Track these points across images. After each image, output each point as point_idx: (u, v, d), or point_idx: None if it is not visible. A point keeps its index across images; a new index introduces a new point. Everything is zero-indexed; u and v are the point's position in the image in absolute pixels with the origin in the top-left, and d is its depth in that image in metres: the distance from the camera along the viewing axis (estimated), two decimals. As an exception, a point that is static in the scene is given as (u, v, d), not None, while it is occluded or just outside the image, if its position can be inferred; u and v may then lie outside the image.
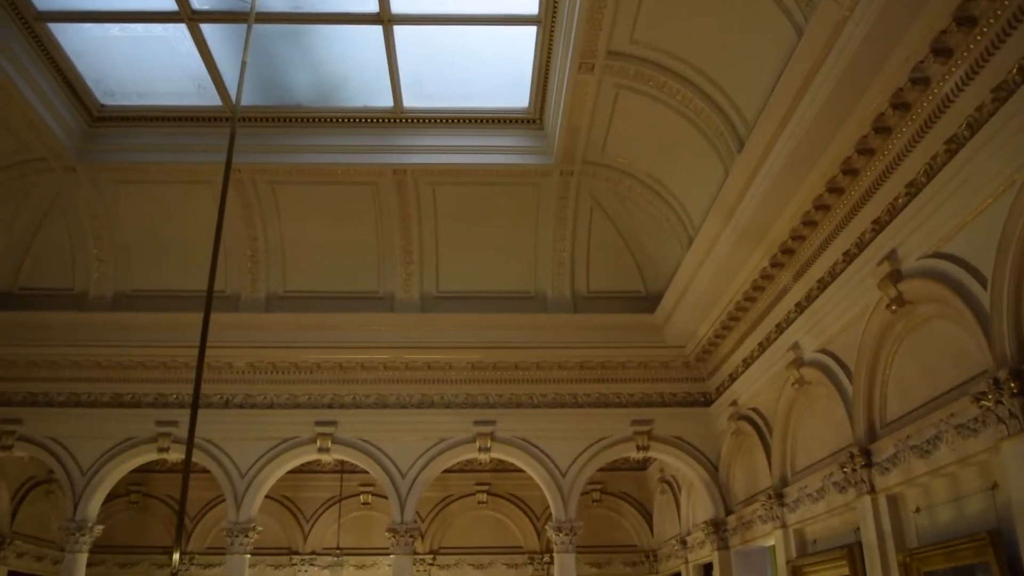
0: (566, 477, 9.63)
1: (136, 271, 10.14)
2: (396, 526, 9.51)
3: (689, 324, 9.16)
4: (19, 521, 11.50)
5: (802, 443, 7.57)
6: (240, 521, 9.57)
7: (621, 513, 13.24)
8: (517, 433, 9.78)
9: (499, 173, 9.25)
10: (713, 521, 9.47)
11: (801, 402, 7.48)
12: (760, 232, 6.98)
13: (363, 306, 9.93)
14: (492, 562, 12.99)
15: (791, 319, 7.39)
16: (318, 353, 9.79)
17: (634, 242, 9.83)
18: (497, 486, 13.18)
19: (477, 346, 9.73)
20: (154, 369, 9.91)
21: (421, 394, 9.92)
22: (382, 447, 9.78)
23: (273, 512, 12.79)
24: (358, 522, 13.01)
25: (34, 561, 11.92)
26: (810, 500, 7.12)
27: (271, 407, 9.90)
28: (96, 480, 9.72)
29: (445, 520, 13.15)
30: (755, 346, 8.27)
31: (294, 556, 12.89)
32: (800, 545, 7.52)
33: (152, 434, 9.80)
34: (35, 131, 8.58)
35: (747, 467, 9.01)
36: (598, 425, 9.79)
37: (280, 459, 9.78)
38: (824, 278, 6.67)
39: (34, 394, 9.99)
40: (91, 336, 9.84)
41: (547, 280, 10.03)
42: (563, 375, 9.87)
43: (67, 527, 9.59)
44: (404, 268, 9.97)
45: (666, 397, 9.89)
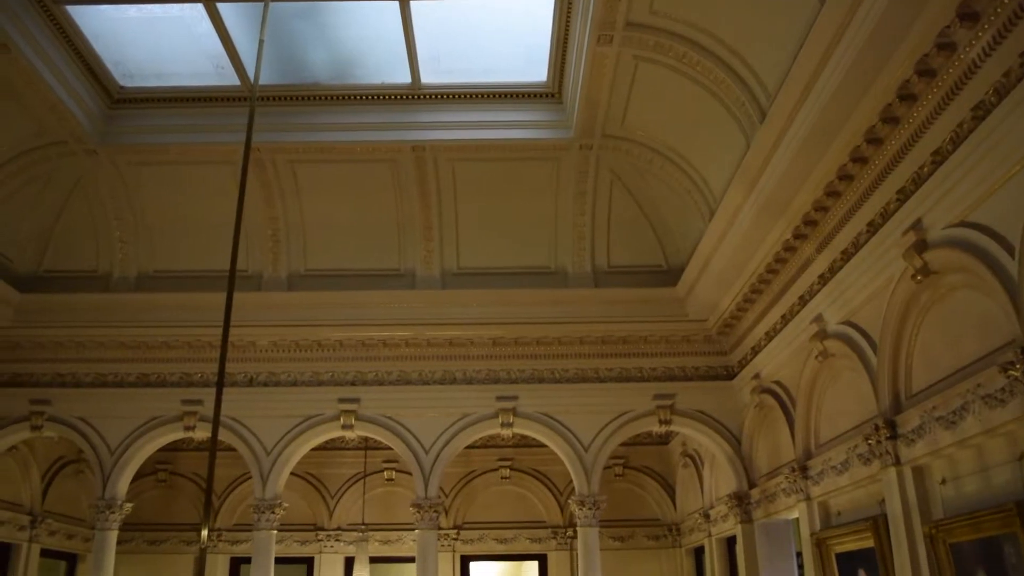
0: (589, 451, 9.65)
1: (159, 252, 10.21)
2: (420, 501, 9.59)
3: (711, 297, 9.11)
4: (50, 500, 11.69)
5: (826, 416, 7.54)
6: (266, 498, 9.68)
7: (644, 487, 13.27)
8: (539, 408, 9.81)
9: (518, 148, 9.21)
10: (736, 494, 9.47)
11: (825, 375, 7.44)
12: (782, 203, 6.90)
13: (384, 283, 9.96)
14: (516, 536, 13.08)
15: (814, 291, 7.33)
16: (340, 331, 9.83)
17: (655, 215, 9.78)
18: (520, 461, 13.24)
19: (498, 322, 9.74)
20: (178, 349, 10.00)
21: (443, 370, 9.96)
22: (405, 423, 9.84)
23: (299, 489, 12.93)
24: (382, 498, 13.13)
25: (66, 539, 12.14)
26: (834, 472, 7.10)
27: (295, 385, 9.98)
28: (124, 459, 9.86)
29: (469, 495, 13.24)
30: (778, 319, 8.22)
31: (320, 532, 13.04)
32: (824, 517, 7.51)
33: (178, 413, 9.91)
34: (56, 114, 8.62)
35: (770, 440, 8.99)
36: (620, 399, 9.80)
37: (304, 436, 9.87)
38: (848, 249, 6.60)
39: (61, 375, 10.12)
40: (115, 317, 9.94)
41: (567, 255, 10.01)
42: (585, 350, 9.87)
43: (97, 505, 9.74)
44: (424, 245, 9.98)
45: (688, 371, 9.87)
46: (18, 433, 10.00)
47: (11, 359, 10.06)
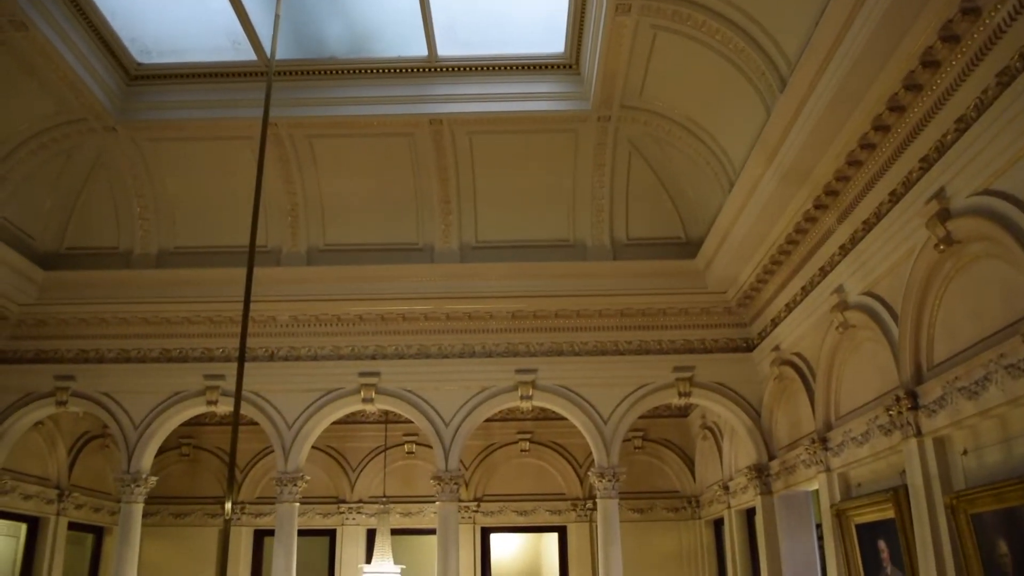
0: (608, 424, 9.68)
1: (179, 228, 10.28)
2: (441, 474, 9.66)
3: (730, 269, 9.06)
4: (76, 474, 11.88)
5: (846, 387, 7.51)
6: (289, 471, 9.79)
7: (663, 459, 13.29)
8: (558, 381, 9.83)
9: (536, 120, 9.17)
10: (756, 466, 9.47)
11: (845, 346, 7.40)
12: (803, 173, 6.84)
13: (403, 257, 9.99)
14: (535, 508, 13.15)
15: (835, 262, 7.27)
16: (360, 305, 9.87)
17: (674, 187, 9.73)
18: (539, 434, 13.29)
19: (517, 295, 9.74)
20: (200, 324, 10.08)
21: (462, 344, 9.99)
22: (425, 397, 9.90)
23: (320, 462, 13.06)
24: (403, 471, 13.23)
25: (92, 512, 12.34)
26: (854, 444, 7.08)
27: (315, 359, 10.05)
28: (148, 433, 9.98)
29: (488, 468, 13.32)
30: (798, 290, 8.17)
31: (342, 504, 13.17)
32: (844, 489, 7.50)
33: (200, 387, 10.01)
34: (75, 92, 8.66)
35: (790, 412, 8.97)
36: (639, 372, 9.80)
37: (325, 410, 9.95)
38: (869, 219, 6.54)
39: (85, 351, 10.23)
40: (137, 293, 10.03)
41: (586, 228, 9.98)
42: (603, 323, 9.86)
43: (122, 479, 9.89)
44: (443, 219, 9.98)
45: (708, 343, 9.85)
46: (44, 408, 10.15)
47: (36, 336, 10.19)
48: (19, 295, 9.80)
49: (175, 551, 13.11)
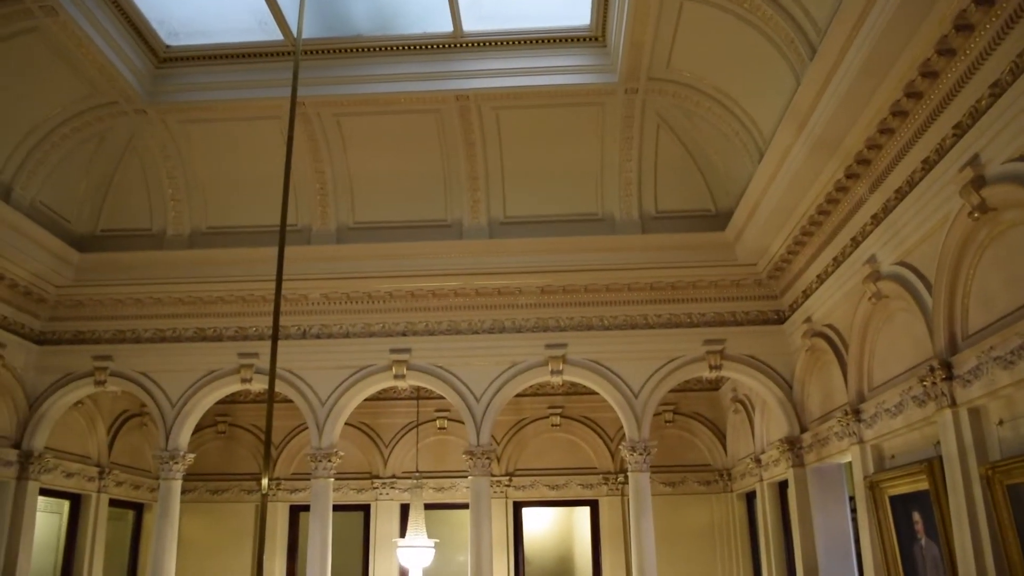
0: (639, 398, 9.68)
1: (210, 208, 10.38)
2: (473, 448, 9.74)
3: (761, 241, 8.99)
4: (116, 452, 12.12)
5: (879, 358, 7.44)
6: (323, 447, 9.91)
7: (694, 433, 13.28)
8: (589, 355, 9.84)
9: (562, 94, 9.13)
10: (788, 439, 9.43)
11: (878, 317, 7.33)
12: (834, 142, 6.75)
13: (432, 234, 10.02)
14: (567, 483, 13.21)
15: (867, 232, 7.19)
16: (390, 282, 9.93)
17: (702, 159, 9.65)
18: (570, 409, 13.32)
19: (546, 270, 9.74)
20: (233, 303, 10.20)
21: (492, 319, 10.02)
22: (456, 372, 9.96)
23: (354, 439, 13.21)
24: (435, 447, 13.35)
25: (132, 489, 12.60)
26: (888, 415, 7.02)
27: (347, 336, 10.14)
28: (185, 411, 10.15)
29: (520, 443, 13.39)
30: (830, 261, 8.09)
31: (375, 480, 13.33)
32: (877, 460, 7.45)
33: (235, 366, 10.15)
34: (105, 75, 8.76)
35: (822, 384, 8.91)
36: (670, 346, 9.78)
37: (358, 386, 10.05)
38: (902, 188, 6.45)
39: (122, 331, 10.41)
40: (171, 274, 10.17)
41: (614, 201, 9.94)
42: (633, 296, 9.84)
43: (161, 456, 10.08)
44: (471, 195, 9.99)
45: (738, 316, 9.80)
46: (83, 388, 10.35)
47: (74, 317, 10.37)
48: (56, 277, 9.98)
49: (213, 527, 13.37)
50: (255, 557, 12.99)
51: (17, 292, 9.68)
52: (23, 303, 9.89)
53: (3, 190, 8.96)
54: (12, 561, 9.64)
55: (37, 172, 9.32)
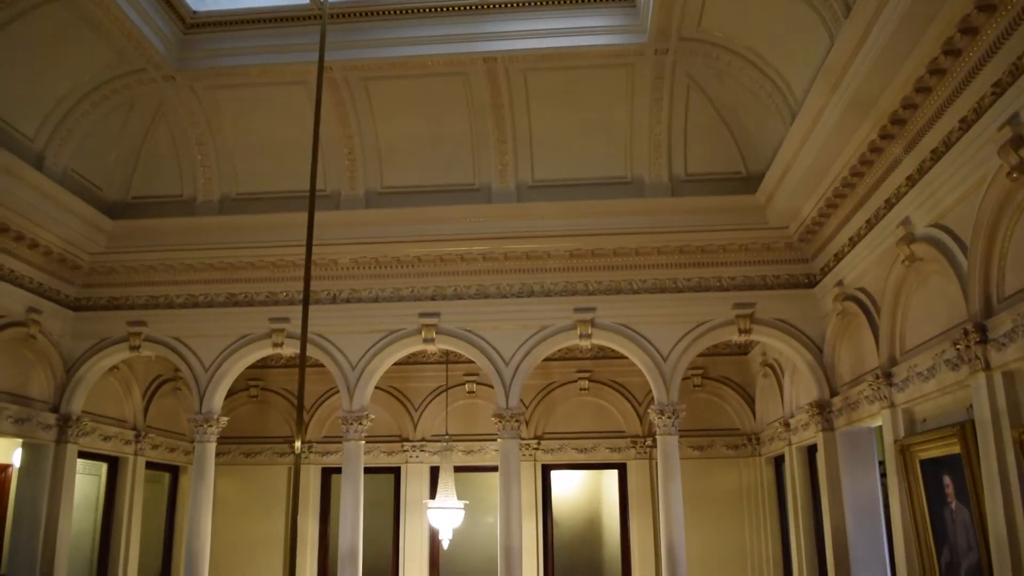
0: (667, 361, 9.67)
1: (240, 175, 10.44)
2: (502, 411, 9.80)
3: (792, 203, 8.88)
4: (151, 416, 12.34)
5: (912, 321, 7.36)
6: (354, 410, 10.02)
7: (723, 397, 13.26)
8: (617, 319, 9.82)
9: (591, 55, 9.02)
10: (818, 403, 9.39)
11: (911, 279, 7.23)
12: (869, 102, 6.62)
13: (460, 198, 10.00)
14: (595, 446, 13.28)
15: (901, 193, 7.07)
16: (418, 247, 9.95)
17: (733, 121, 9.52)
18: (598, 373, 13.35)
19: (575, 234, 9.71)
20: (263, 269, 10.29)
21: (521, 283, 10.02)
22: (485, 336, 9.99)
23: (384, 403, 13.34)
24: (464, 410, 13.44)
25: (168, 452, 12.85)
26: (920, 379, 6.96)
27: (376, 301, 10.20)
28: (218, 375, 10.30)
29: (548, 407, 13.46)
30: (863, 223, 7.98)
31: (405, 443, 13.47)
32: (909, 424, 7.40)
33: (266, 330, 10.26)
34: (134, 42, 8.79)
35: (853, 348, 8.85)
36: (699, 309, 9.73)
37: (388, 350, 10.13)
38: (938, 148, 6.32)
39: (155, 297, 10.54)
40: (202, 240, 10.26)
41: (644, 164, 9.86)
42: (662, 260, 9.79)
43: (195, 419, 10.26)
44: (499, 158, 9.95)
45: (768, 279, 9.72)
46: (118, 353, 10.53)
47: (107, 283, 10.52)
48: (89, 244, 10.11)
49: (247, 488, 13.61)
50: (288, 518, 13.25)
51: (52, 259, 9.82)
52: (58, 270, 10.03)
53: (35, 158, 9.06)
54: (53, 521, 9.91)
55: (68, 140, 9.41)
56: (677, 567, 9.17)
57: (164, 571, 13.00)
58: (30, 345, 9.77)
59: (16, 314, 9.40)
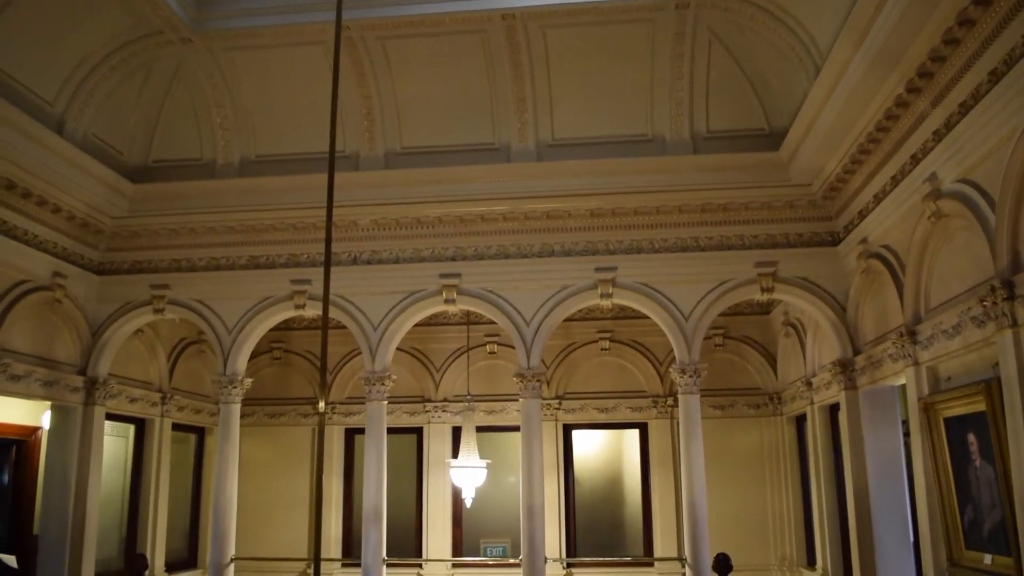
0: (689, 321, 9.64)
1: (259, 137, 10.43)
2: (523, 371, 9.82)
3: (816, 160, 8.76)
4: (176, 378, 12.49)
5: (937, 279, 7.27)
6: (376, 370, 10.09)
7: (744, 357, 13.23)
8: (639, 279, 9.78)
9: (611, 11, 8.88)
10: (840, 361, 9.34)
11: (937, 236, 7.13)
12: (895, 55, 6.49)
13: (479, 158, 9.94)
14: (616, 406, 13.31)
15: (928, 148, 6.95)
16: (438, 207, 9.92)
17: (756, 76, 9.37)
18: (619, 333, 13.34)
19: (595, 192, 9.64)
20: (284, 231, 10.31)
21: (541, 243, 9.99)
22: (505, 296, 9.99)
23: (406, 364, 13.41)
24: (485, 371, 13.50)
25: (193, 414, 13.02)
26: (945, 337, 6.90)
27: (397, 262, 10.20)
28: (241, 337, 10.38)
29: (569, 367, 13.49)
30: (888, 180, 7.86)
31: (427, 403, 13.57)
32: (933, 382, 7.34)
33: (288, 292, 10.31)
34: (150, 4, 8.75)
35: (877, 306, 8.77)
36: (721, 268, 9.67)
37: (409, 311, 10.15)
38: (966, 102, 6.19)
39: (177, 260, 10.61)
40: (222, 203, 10.29)
41: (665, 121, 9.74)
42: (684, 219, 9.71)
43: (220, 381, 10.37)
44: (518, 117, 9.86)
45: (791, 238, 9.62)
46: (142, 316, 10.63)
47: (130, 247, 10.60)
48: (111, 208, 10.16)
49: (271, 449, 13.79)
50: (313, 478, 13.44)
51: (75, 224, 9.89)
52: (81, 234, 10.11)
53: (56, 123, 9.08)
54: (83, 482, 10.10)
55: (88, 105, 9.42)
56: (698, 525, 9.22)
57: (192, 530, 13.25)
58: (56, 309, 9.88)
59: (41, 278, 9.49)
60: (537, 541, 9.47)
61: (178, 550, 12.82)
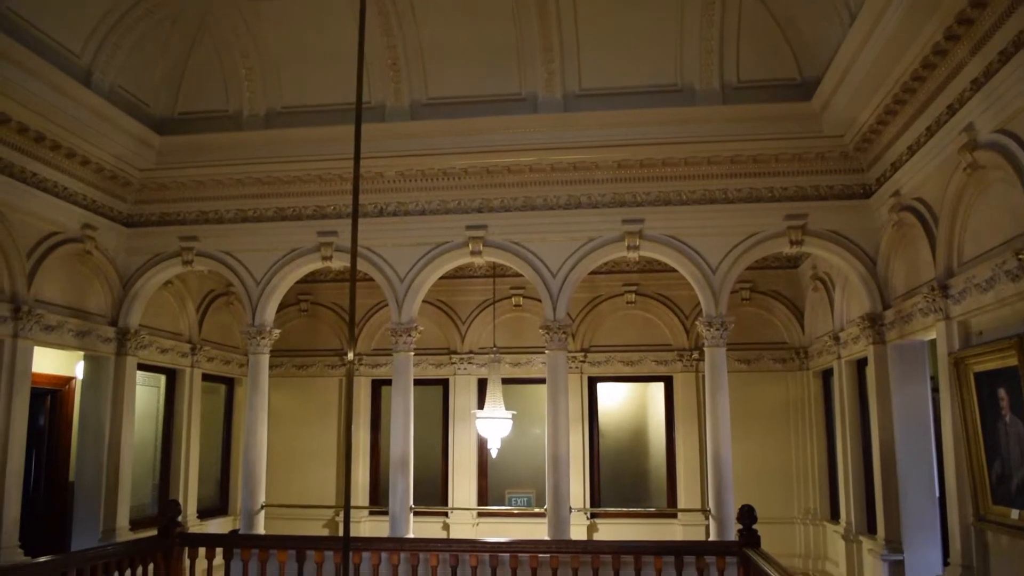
0: (716, 273, 9.57)
1: (285, 88, 10.38)
2: (549, 323, 9.83)
3: (849, 110, 8.58)
4: (206, 330, 12.65)
5: (971, 232, 7.15)
6: (403, 322, 10.14)
7: (771, 311, 13.16)
8: (666, 231, 9.71)
9: (640, -42, 8.71)
10: (869, 316, 9.25)
11: (972, 188, 6.99)
12: (934, 1, 6.31)
13: (506, 109, 9.83)
14: (642, 359, 13.33)
15: (965, 98, 6.78)
16: (464, 158, 9.86)
17: (788, 24, 9.16)
18: (645, 286, 13.30)
19: (623, 144, 9.52)
20: (310, 183, 10.31)
21: (568, 195, 9.92)
22: (532, 248, 9.96)
23: (432, 316, 13.48)
24: (511, 323, 13.54)
25: (223, 364, 13.20)
26: (978, 291, 6.80)
27: (423, 214, 10.19)
28: (269, 288, 10.46)
29: (595, 320, 13.49)
30: (923, 131, 7.69)
31: (453, 355, 13.66)
32: (964, 337, 7.26)
33: (315, 244, 10.34)
34: (175, -48, 8.69)
35: (908, 260, 8.66)
36: (749, 221, 9.56)
37: (435, 263, 10.16)
38: (1007, 49, 6.00)
39: (205, 212, 10.66)
40: (249, 154, 10.29)
41: (694, 71, 9.57)
42: (712, 170, 9.59)
43: (248, 331, 10.47)
44: (545, 67, 9.73)
45: (822, 190, 9.49)
46: (171, 268, 10.74)
47: (159, 199, 10.66)
48: (139, 160, 10.20)
49: (299, 400, 13.99)
50: (341, 427, 13.62)
51: (104, 176, 9.95)
52: (110, 187, 10.17)
53: (83, 75, 9.08)
54: (117, 430, 10.31)
55: (114, 56, 9.41)
56: (723, 478, 9.26)
57: (223, 478, 13.53)
58: (86, 261, 10.00)
59: (72, 231, 9.59)
60: (562, 491, 9.56)
61: (210, 497, 13.11)
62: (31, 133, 8.62)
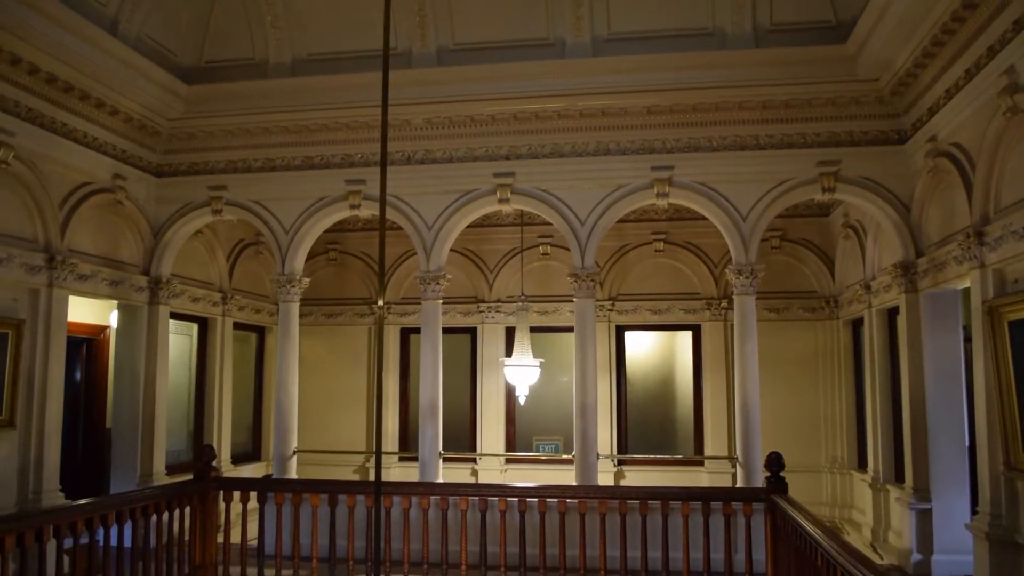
0: (747, 221, 9.47)
1: (310, 35, 10.30)
2: (577, 271, 9.81)
3: (885, 53, 8.36)
4: (236, 279, 12.77)
5: (1009, 178, 7.00)
6: (431, 270, 10.16)
7: (801, 259, 13.03)
8: (696, 178, 9.59)
9: None
10: (902, 263, 9.13)
11: (1012, 133, 6.82)
12: (977, -63, 6.11)
13: (533, 54, 9.68)
14: (670, 307, 13.29)
15: (1007, 39, 6.57)
16: (492, 105, 9.75)
17: (824, -37, 8.91)
18: (673, 235, 13.21)
19: (652, 89, 9.36)
20: (337, 131, 10.27)
21: (596, 142, 9.81)
22: (560, 196, 9.89)
23: (460, 264, 13.51)
24: (538, 272, 13.54)
25: (253, 313, 13.34)
26: (1014, 238, 6.68)
27: (451, 161, 10.14)
28: (298, 237, 10.50)
29: (623, 268, 13.45)
30: (961, 74, 7.49)
31: (481, 304, 13.70)
32: (999, 285, 7.15)
33: (343, 192, 10.34)
34: None
35: (943, 207, 8.50)
36: (781, 167, 9.41)
37: (463, 211, 10.13)
38: (1052, -12, 5.83)
39: (233, 161, 10.69)
40: (275, 103, 10.24)
41: (726, 13, 9.36)
42: (744, 116, 9.43)
43: (278, 280, 10.55)
44: (573, 10, 9.55)
45: (856, 136, 9.30)
46: (201, 218, 10.81)
47: (187, 149, 10.69)
48: (167, 110, 10.21)
49: (329, 348, 14.15)
50: (371, 375, 13.77)
51: (132, 126, 9.98)
52: (139, 137, 10.21)
53: (110, 24, 9.05)
54: (151, 377, 10.50)
55: (140, 4, 9.36)
56: (750, 426, 9.27)
57: (255, 425, 13.77)
58: (118, 211, 10.09)
59: (103, 181, 9.66)
60: (590, 437, 9.63)
61: (242, 443, 13.38)
62: (60, 83, 8.64)
